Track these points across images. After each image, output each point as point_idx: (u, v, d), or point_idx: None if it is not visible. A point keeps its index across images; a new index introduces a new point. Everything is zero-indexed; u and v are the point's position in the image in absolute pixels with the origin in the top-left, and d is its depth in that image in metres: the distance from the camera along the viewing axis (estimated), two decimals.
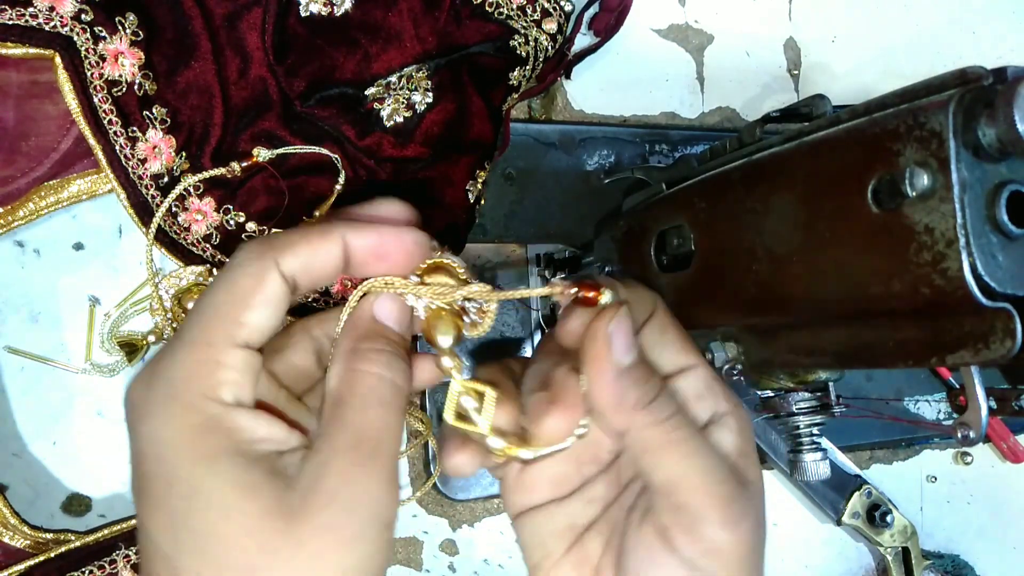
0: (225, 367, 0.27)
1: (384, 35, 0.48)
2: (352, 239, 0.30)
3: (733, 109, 0.64)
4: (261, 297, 0.28)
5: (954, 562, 0.68)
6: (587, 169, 0.58)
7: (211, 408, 0.27)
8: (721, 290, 0.37)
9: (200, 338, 0.27)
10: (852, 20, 0.69)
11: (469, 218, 0.51)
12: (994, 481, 0.72)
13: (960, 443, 0.31)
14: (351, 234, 0.30)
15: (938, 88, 0.27)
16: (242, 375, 0.27)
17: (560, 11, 0.52)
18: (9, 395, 0.46)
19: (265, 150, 0.46)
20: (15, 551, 0.43)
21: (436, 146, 0.49)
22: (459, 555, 0.56)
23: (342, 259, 0.30)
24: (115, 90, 0.44)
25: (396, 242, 0.30)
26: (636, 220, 0.43)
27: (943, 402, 0.68)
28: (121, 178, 0.44)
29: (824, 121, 0.31)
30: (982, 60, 0.27)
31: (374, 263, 0.30)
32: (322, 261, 0.29)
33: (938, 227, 0.25)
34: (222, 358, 0.27)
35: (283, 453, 0.28)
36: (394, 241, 0.30)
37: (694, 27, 0.64)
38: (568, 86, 0.60)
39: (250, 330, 0.28)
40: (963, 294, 0.25)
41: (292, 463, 0.27)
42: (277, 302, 0.28)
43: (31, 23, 0.42)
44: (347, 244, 0.30)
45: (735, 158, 0.36)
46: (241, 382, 0.27)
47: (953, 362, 0.27)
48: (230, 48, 0.46)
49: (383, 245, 0.30)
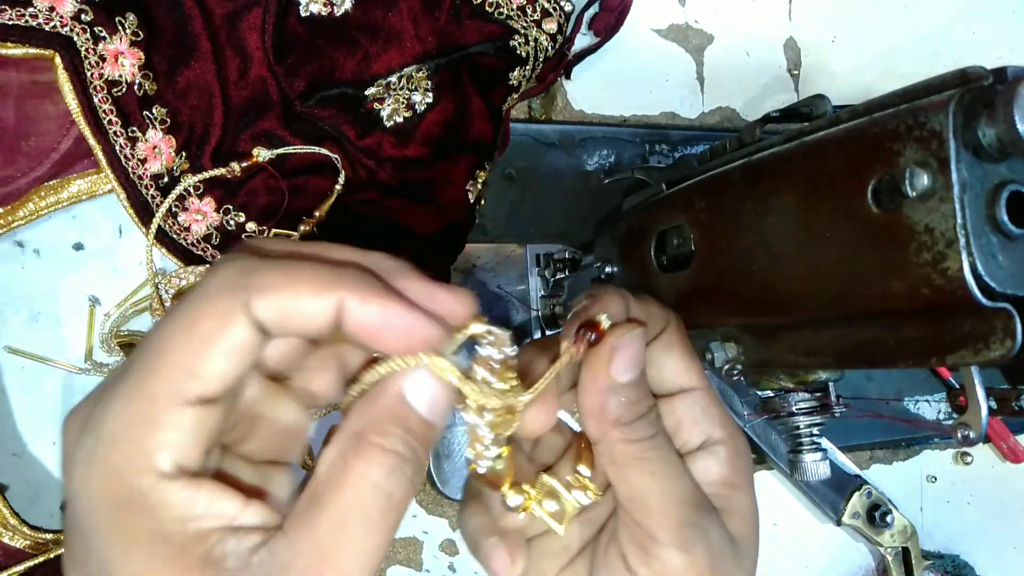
0: (165, 428, 0.22)
1: (384, 35, 0.48)
2: (352, 305, 0.24)
3: (733, 109, 0.64)
4: (223, 346, 0.23)
5: (954, 562, 0.68)
6: (587, 169, 0.58)
7: (139, 480, 0.22)
8: (721, 290, 0.37)
9: (142, 389, 0.22)
10: (852, 20, 0.69)
11: (469, 218, 0.51)
12: (994, 481, 0.71)
13: (960, 443, 0.30)
14: (353, 299, 0.23)
15: (938, 88, 0.27)
16: (188, 437, 0.22)
17: (560, 11, 0.52)
18: (9, 395, 0.46)
19: (265, 150, 0.46)
20: (15, 551, 0.43)
21: (436, 146, 0.49)
22: (459, 555, 0.56)
23: (333, 322, 0.24)
24: (115, 90, 0.44)
25: (402, 331, 0.24)
26: (636, 220, 0.43)
27: (943, 402, 0.68)
28: (121, 178, 0.44)
29: (824, 121, 0.31)
30: (982, 60, 0.27)
31: (371, 342, 0.25)
32: (305, 318, 0.23)
33: (938, 227, 0.25)
34: (164, 417, 0.22)
35: (234, 532, 0.23)
36: (401, 329, 0.24)
37: (694, 27, 0.64)
38: (568, 86, 0.60)
39: (205, 383, 0.22)
40: (963, 294, 0.25)
41: (240, 549, 0.22)
42: (243, 352, 0.23)
43: (31, 23, 0.42)
44: (344, 308, 0.23)
45: (735, 158, 0.36)
46: (185, 445, 0.22)
47: (953, 362, 0.27)
48: (230, 48, 0.46)
49: (389, 328, 0.24)
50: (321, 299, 0.23)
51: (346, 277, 0.24)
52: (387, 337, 0.24)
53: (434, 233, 0.50)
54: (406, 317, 0.24)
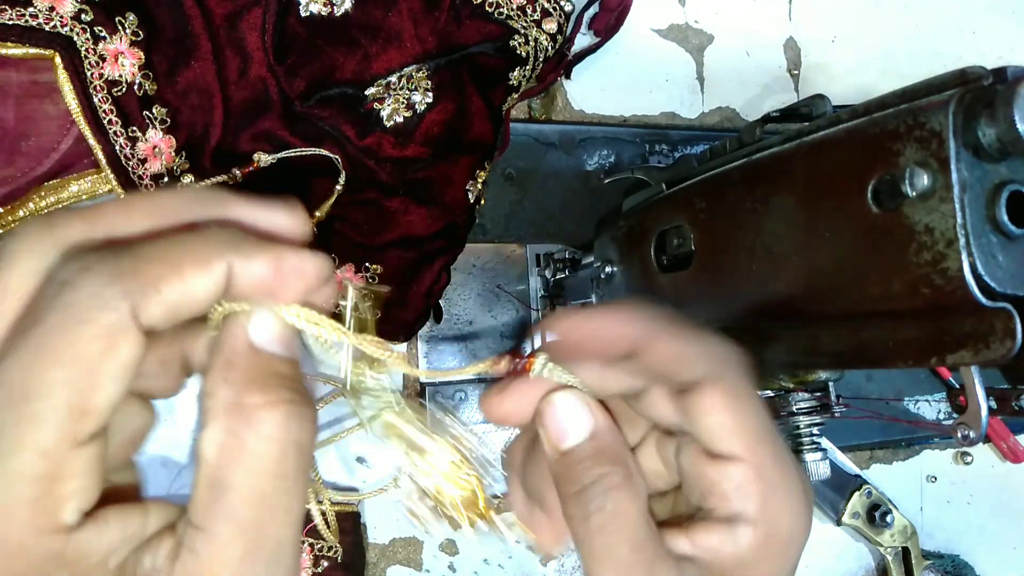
0: (64, 479, 0.19)
1: (384, 35, 0.48)
2: (240, 267, 0.21)
3: (733, 109, 0.64)
4: (113, 370, 0.19)
5: (954, 562, 0.68)
6: (587, 169, 0.58)
7: (47, 544, 0.19)
8: (721, 290, 0.37)
9: (24, 444, 0.19)
10: (852, 20, 0.69)
11: (469, 218, 0.51)
12: (994, 481, 0.71)
13: (960, 443, 0.30)
14: (239, 261, 0.21)
15: (938, 88, 0.27)
16: (88, 478, 0.20)
17: (560, 11, 0.52)
18: None
19: (266, 155, 0.46)
20: None
21: (436, 146, 0.49)
22: (459, 555, 0.56)
23: (221, 291, 0.21)
24: (115, 90, 0.44)
25: (295, 272, 0.22)
26: (636, 220, 0.43)
27: (943, 402, 0.68)
28: (121, 178, 0.44)
29: (824, 121, 0.31)
30: (982, 60, 0.27)
31: (267, 295, 0.22)
32: (195, 300, 0.21)
33: (938, 227, 0.25)
34: (61, 469, 0.19)
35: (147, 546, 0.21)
36: (294, 271, 0.22)
37: (694, 27, 0.64)
38: (568, 86, 0.60)
39: (97, 416, 0.20)
40: (963, 294, 0.25)
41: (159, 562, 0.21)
42: (133, 366, 0.20)
43: (31, 23, 0.42)
44: (232, 272, 0.21)
45: (735, 158, 0.36)
46: (87, 488, 0.20)
47: (953, 362, 0.27)
48: (230, 48, 0.46)
49: (280, 276, 0.22)
50: (208, 273, 0.21)
51: (220, 238, 0.21)
52: (284, 285, 0.22)
53: (434, 233, 0.50)
54: (294, 259, 0.22)
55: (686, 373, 0.26)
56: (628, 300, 0.29)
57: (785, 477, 0.27)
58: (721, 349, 0.27)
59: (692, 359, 0.26)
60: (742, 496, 0.26)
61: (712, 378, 0.26)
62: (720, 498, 0.26)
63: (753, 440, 0.26)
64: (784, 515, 0.27)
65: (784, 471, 0.27)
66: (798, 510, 0.27)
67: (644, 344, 0.26)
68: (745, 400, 0.26)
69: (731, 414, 0.26)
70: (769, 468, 0.26)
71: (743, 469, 0.26)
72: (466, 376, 0.27)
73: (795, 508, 0.27)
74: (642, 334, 0.26)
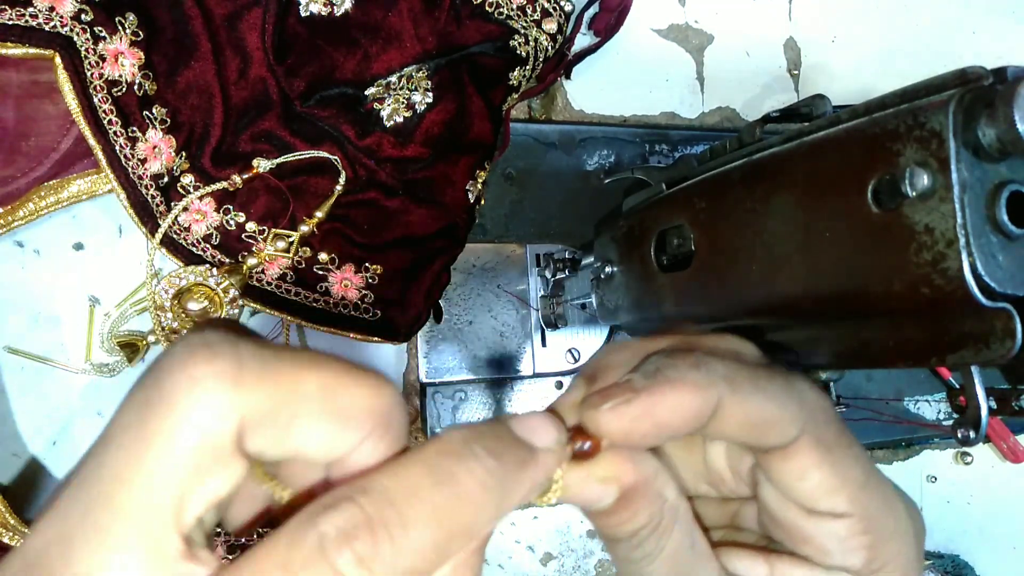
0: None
1: (384, 35, 0.48)
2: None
3: (733, 109, 0.64)
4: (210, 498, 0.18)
5: (954, 562, 0.68)
6: (587, 169, 0.58)
7: None
8: (721, 290, 0.37)
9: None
10: (852, 20, 0.69)
11: (469, 218, 0.51)
12: (994, 481, 0.71)
13: (960, 443, 0.30)
14: None
15: (938, 88, 0.27)
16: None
17: (560, 11, 0.52)
18: (9, 395, 0.46)
19: (265, 161, 0.46)
20: None
21: (436, 146, 0.49)
22: None
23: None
24: (115, 90, 0.44)
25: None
26: (636, 220, 0.43)
27: (943, 402, 0.68)
28: (121, 178, 0.44)
29: (824, 121, 0.31)
30: (982, 60, 0.27)
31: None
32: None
33: (938, 227, 0.25)
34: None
35: None
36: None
37: (694, 27, 0.64)
38: (568, 86, 0.60)
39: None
40: (963, 294, 0.25)
41: None
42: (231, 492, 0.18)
43: (31, 23, 0.42)
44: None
45: (735, 158, 0.36)
46: None
47: (953, 362, 0.27)
48: (230, 48, 0.46)
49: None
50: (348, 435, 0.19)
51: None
52: None
53: (434, 233, 0.50)
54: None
55: (771, 439, 0.23)
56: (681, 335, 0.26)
57: (894, 521, 0.25)
58: (804, 398, 0.24)
59: (775, 422, 0.23)
60: (847, 551, 0.24)
61: (801, 437, 0.23)
62: (819, 551, 0.24)
63: (857, 490, 0.24)
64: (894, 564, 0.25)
65: (894, 516, 0.25)
66: (908, 555, 0.25)
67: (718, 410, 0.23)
68: (841, 451, 0.24)
69: (830, 470, 0.23)
70: (876, 518, 0.24)
71: (848, 524, 0.24)
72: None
73: (905, 553, 0.25)
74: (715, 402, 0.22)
